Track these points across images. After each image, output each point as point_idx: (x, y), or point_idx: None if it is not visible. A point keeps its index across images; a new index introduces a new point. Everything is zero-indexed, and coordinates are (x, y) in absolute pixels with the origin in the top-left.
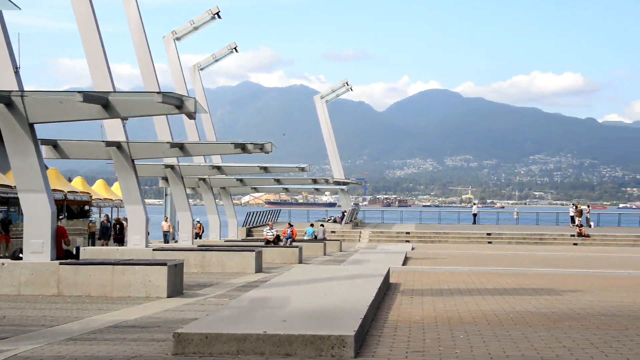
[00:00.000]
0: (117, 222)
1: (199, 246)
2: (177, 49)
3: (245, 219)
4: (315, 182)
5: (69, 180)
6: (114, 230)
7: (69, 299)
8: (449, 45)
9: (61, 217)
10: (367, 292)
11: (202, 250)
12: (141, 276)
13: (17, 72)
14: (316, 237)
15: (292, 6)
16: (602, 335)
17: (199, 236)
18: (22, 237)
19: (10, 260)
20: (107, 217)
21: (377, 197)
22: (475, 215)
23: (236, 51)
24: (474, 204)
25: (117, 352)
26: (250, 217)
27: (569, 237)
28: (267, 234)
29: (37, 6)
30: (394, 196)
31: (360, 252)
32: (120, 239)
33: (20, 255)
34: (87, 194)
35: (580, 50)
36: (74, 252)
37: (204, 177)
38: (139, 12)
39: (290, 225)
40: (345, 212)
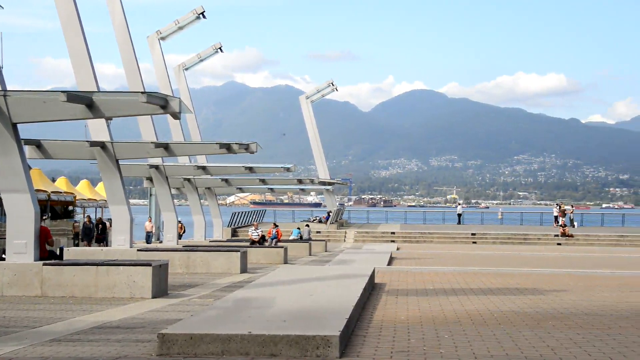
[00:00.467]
0: (100, 222)
1: (184, 246)
2: (161, 49)
3: (230, 219)
4: (300, 182)
5: (53, 180)
6: (96, 230)
7: (53, 300)
8: (433, 45)
9: (45, 217)
10: (352, 292)
11: (187, 250)
12: (125, 277)
13: None
14: (301, 237)
15: (278, 6)
16: (585, 334)
17: (179, 236)
18: (4, 238)
19: None
20: (89, 217)
21: (363, 197)
22: (460, 215)
23: (221, 51)
24: (459, 204)
25: (101, 352)
26: (235, 218)
27: (553, 237)
28: (252, 234)
29: (20, 5)
30: (379, 196)
31: (345, 252)
32: (102, 239)
33: (3, 256)
34: (71, 194)
35: (563, 51)
36: (58, 253)
37: (188, 177)
38: (123, 11)
39: (275, 225)
40: (330, 212)
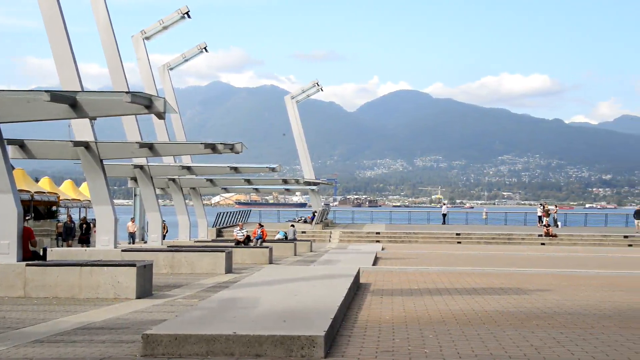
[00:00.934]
0: (84, 222)
1: (168, 247)
2: (146, 49)
3: (215, 220)
4: (285, 182)
5: (36, 180)
6: (80, 230)
7: (36, 301)
8: (418, 46)
9: (28, 217)
10: (337, 293)
11: (172, 251)
12: (110, 277)
13: None
14: (286, 237)
15: (263, 6)
16: (568, 334)
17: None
18: None
19: None
20: (70, 217)
21: (348, 197)
22: (444, 215)
23: (206, 51)
24: (444, 204)
25: (85, 354)
26: (220, 218)
27: (537, 237)
28: (238, 234)
29: (2, 4)
30: (364, 196)
31: (330, 252)
32: (86, 240)
33: None
34: (55, 194)
35: (547, 52)
36: (41, 253)
37: (173, 177)
38: (107, 11)
39: (260, 225)
40: (315, 212)
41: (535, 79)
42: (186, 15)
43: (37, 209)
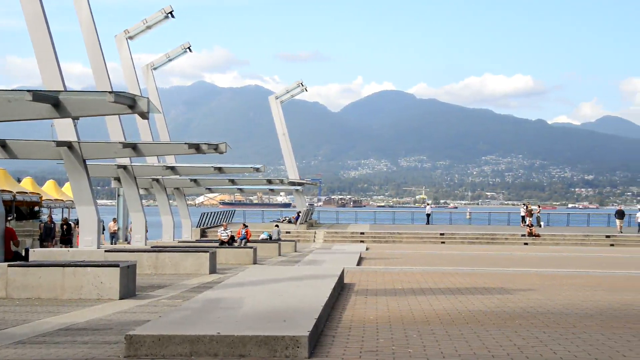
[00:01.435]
0: (65, 222)
1: (152, 247)
2: (129, 48)
3: (199, 220)
4: (270, 182)
5: (18, 180)
6: (61, 230)
7: (18, 302)
8: (402, 46)
9: (10, 218)
10: (322, 293)
11: (156, 251)
12: (93, 278)
13: None
14: (271, 237)
15: (247, 6)
16: (551, 333)
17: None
18: None
19: None
20: (50, 217)
21: (332, 197)
22: (428, 215)
23: (190, 51)
24: (428, 204)
25: (67, 355)
26: (204, 218)
27: (520, 237)
28: (222, 234)
29: None
30: (348, 197)
31: (315, 252)
32: (67, 240)
33: None
34: (37, 194)
35: (530, 52)
36: (23, 254)
37: (157, 177)
38: (90, 10)
39: (244, 225)
40: (300, 212)
41: (518, 80)
42: (170, 15)
43: (19, 209)
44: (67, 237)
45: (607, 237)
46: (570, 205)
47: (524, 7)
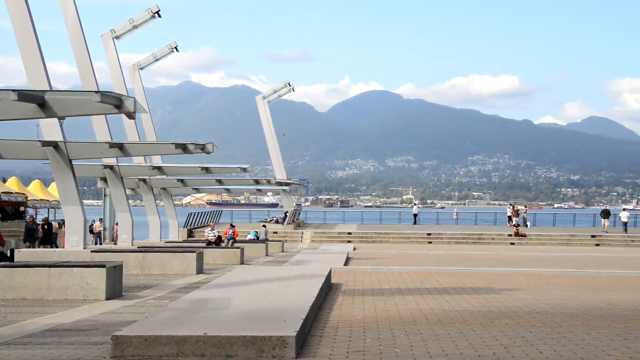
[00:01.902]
0: (45, 222)
1: (139, 247)
2: (116, 48)
3: (186, 220)
4: (257, 182)
5: (4, 180)
6: (42, 231)
7: (3, 303)
8: (389, 46)
9: None
10: (309, 293)
11: (142, 251)
12: (79, 278)
13: None
14: (258, 237)
15: (233, 6)
16: (537, 332)
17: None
18: None
19: None
20: (32, 218)
21: (319, 197)
22: (415, 215)
23: (177, 50)
24: (415, 205)
25: (53, 356)
26: (191, 218)
27: (507, 237)
28: (209, 234)
29: None
30: (335, 197)
31: (302, 252)
32: (48, 241)
33: None
34: (23, 194)
35: (516, 53)
36: (9, 255)
37: (144, 177)
38: (76, 9)
39: (232, 226)
40: (287, 212)
41: (504, 80)
42: (156, 14)
43: (4, 210)
44: (48, 237)
45: (593, 237)
46: (556, 205)
47: (510, 8)
